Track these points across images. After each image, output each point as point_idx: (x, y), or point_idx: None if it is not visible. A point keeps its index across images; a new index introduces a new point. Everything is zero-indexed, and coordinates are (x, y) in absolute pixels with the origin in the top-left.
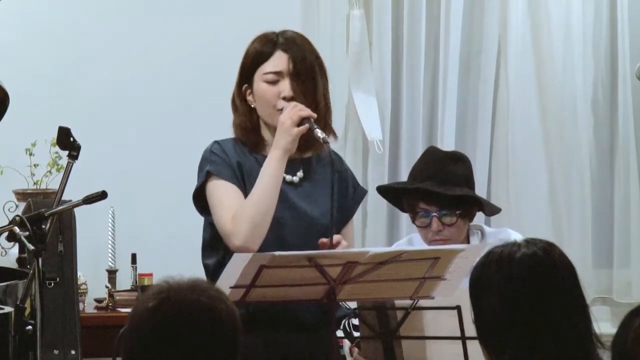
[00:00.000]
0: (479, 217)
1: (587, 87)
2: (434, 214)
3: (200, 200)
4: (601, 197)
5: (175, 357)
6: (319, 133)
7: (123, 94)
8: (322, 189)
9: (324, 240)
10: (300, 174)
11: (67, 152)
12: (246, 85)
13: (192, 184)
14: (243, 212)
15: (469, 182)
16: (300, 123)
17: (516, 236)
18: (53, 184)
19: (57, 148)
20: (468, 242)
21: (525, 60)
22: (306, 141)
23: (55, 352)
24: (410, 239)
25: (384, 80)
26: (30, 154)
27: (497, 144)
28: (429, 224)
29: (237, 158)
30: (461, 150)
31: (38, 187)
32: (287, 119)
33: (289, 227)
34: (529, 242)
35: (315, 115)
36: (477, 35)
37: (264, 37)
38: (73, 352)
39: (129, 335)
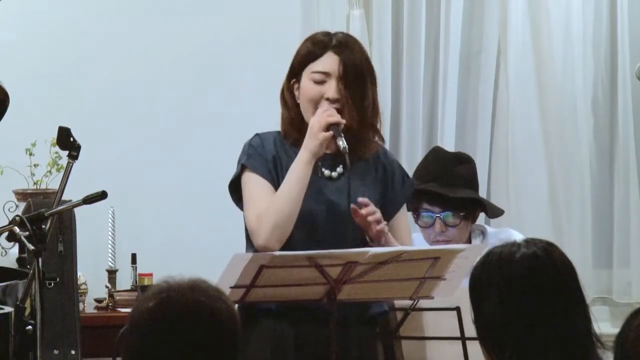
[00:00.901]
0: (480, 217)
1: (587, 87)
2: (437, 214)
3: (236, 191)
4: (601, 197)
5: (175, 357)
6: (341, 142)
7: (123, 94)
8: (364, 183)
9: (354, 206)
10: (340, 169)
11: (67, 152)
12: (294, 80)
13: (193, 184)
14: (267, 212)
15: (473, 183)
16: (327, 128)
17: (517, 236)
18: (53, 184)
19: (57, 148)
20: (470, 242)
21: (525, 60)
22: (352, 148)
23: (55, 352)
24: (412, 239)
25: (384, 80)
26: (30, 154)
27: (497, 144)
28: (432, 225)
29: (275, 152)
30: (461, 150)
31: (38, 187)
32: (315, 123)
33: (323, 222)
34: (529, 242)
35: (343, 121)
36: (477, 35)
37: (317, 39)
38: (73, 352)
39: (129, 335)
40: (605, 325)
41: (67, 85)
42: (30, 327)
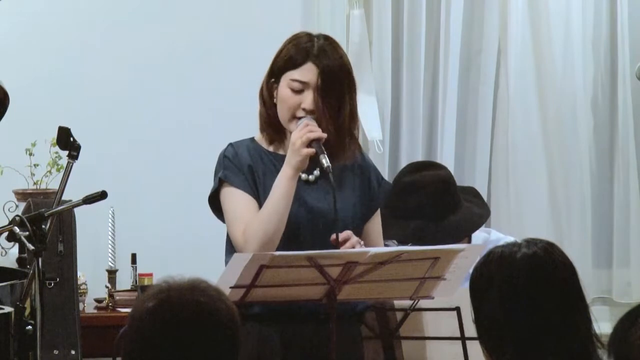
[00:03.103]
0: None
1: (587, 87)
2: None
3: (216, 204)
4: (601, 197)
5: (175, 357)
6: (324, 160)
7: (123, 94)
8: (342, 187)
9: (333, 237)
10: (317, 172)
11: (67, 152)
12: (273, 80)
13: (192, 184)
14: (253, 228)
15: (423, 211)
16: (309, 144)
17: (496, 235)
18: (53, 184)
19: (57, 148)
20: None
21: (525, 60)
22: (331, 155)
23: (55, 352)
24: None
25: (384, 80)
26: (30, 154)
27: (497, 144)
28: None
29: (250, 161)
30: (461, 150)
31: (38, 187)
32: (297, 139)
33: (304, 226)
34: (530, 242)
35: (324, 135)
36: (477, 35)
37: (298, 42)
38: (73, 352)
39: (129, 335)
40: (605, 325)
41: (67, 85)
42: (30, 327)
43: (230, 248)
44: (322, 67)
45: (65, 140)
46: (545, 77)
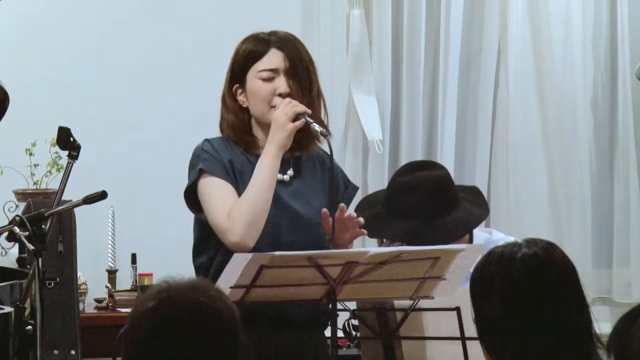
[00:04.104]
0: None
1: (587, 87)
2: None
3: (192, 198)
4: (601, 197)
5: (175, 357)
6: (317, 127)
7: (123, 94)
8: (313, 187)
9: (325, 210)
10: (290, 172)
11: (67, 152)
12: (237, 85)
13: None
14: (239, 209)
15: (419, 210)
16: (295, 119)
17: (498, 236)
18: (53, 184)
19: (57, 148)
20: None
21: (525, 60)
22: (298, 140)
23: (55, 352)
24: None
25: (384, 80)
26: (30, 154)
27: (497, 144)
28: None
29: (229, 156)
30: (461, 150)
31: (38, 187)
32: (281, 115)
33: (283, 226)
34: (530, 242)
35: (309, 111)
36: (477, 35)
37: (254, 37)
38: (73, 352)
39: (129, 335)
40: (605, 325)
41: (67, 85)
42: (30, 327)
43: (201, 248)
44: (286, 50)
45: (65, 140)
46: (545, 77)
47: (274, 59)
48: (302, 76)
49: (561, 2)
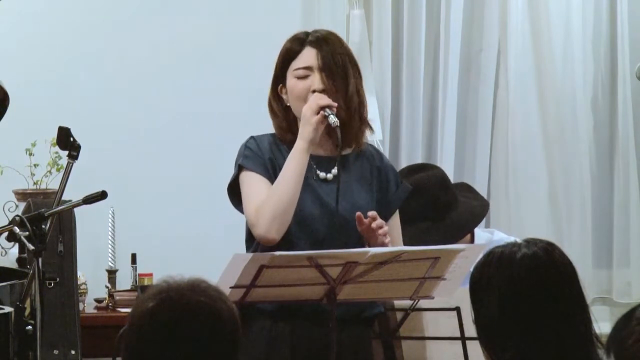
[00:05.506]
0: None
1: (587, 87)
2: None
3: (235, 193)
4: (601, 197)
5: (175, 357)
6: (332, 118)
7: (123, 93)
8: (358, 186)
9: (359, 214)
10: (334, 171)
11: (67, 152)
12: (281, 85)
13: (193, 184)
14: (265, 203)
15: (425, 212)
16: (319, 111)
17: (499, 236)
18: (53, 184)
19: (57, 148)
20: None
21: (525, 60)
22: (343, 138)
23: (55, 352)
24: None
25: (384, 80)
26: (30, 154)
27: (497, 144)
28: None
29: (270, 154)
30: (461, 150)
31: (38, 187)
32: (307, 109)
33: (321, 224)
34: (530, 242)
35: (335, 104)
36: (477, 35)
37: (294, 37)
38: (73, 352)
39: (129, 335)
40: (605, 325)
41: (67, 85)
42: (30, 327)
43: (249, 241)
44: (320, 48)
45: (65, 140)
46: (545, 77)
47: (308, 57)
48: (337, 74)
49: (561, 2)
